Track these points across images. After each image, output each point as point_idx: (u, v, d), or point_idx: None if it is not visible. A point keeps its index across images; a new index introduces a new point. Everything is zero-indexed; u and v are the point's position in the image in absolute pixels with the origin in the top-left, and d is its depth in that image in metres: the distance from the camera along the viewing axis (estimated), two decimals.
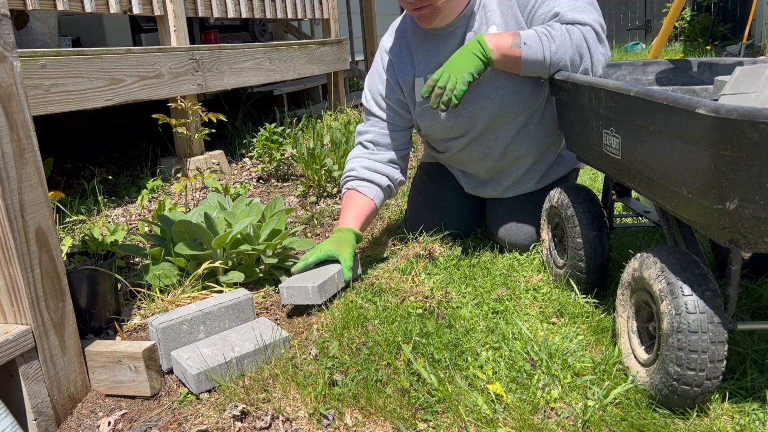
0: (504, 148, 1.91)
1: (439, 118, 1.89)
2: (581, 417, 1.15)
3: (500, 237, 1.99)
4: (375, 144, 1.98)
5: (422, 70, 1.88)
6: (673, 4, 3.15)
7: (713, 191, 1.01)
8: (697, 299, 1.09)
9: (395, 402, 1.22)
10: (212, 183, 2.66)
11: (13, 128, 1.17)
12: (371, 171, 1.94)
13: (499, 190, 2.02)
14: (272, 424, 1.21)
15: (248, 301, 1.56)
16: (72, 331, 1.32)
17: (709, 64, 1.98)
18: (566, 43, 1.62)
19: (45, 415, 1.25)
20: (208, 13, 3.59)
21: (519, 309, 1.57)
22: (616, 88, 1.27)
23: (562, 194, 1.67)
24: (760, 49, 7.08)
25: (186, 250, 1.74)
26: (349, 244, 1.77)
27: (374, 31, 6.23)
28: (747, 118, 0.92)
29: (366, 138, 1.99)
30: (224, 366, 1.35)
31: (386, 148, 1.97)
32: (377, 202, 1.93)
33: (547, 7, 1.71)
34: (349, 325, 1.50)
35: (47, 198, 1.26)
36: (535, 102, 1.83)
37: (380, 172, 1.95)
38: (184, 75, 3.19)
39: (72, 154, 4.00)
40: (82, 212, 2.68)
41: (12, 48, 1.18)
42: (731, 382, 1.24)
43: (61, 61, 2.49)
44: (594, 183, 2.69)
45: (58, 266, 1.28)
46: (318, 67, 4.63)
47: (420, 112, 1.93)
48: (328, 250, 1.74)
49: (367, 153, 1.98)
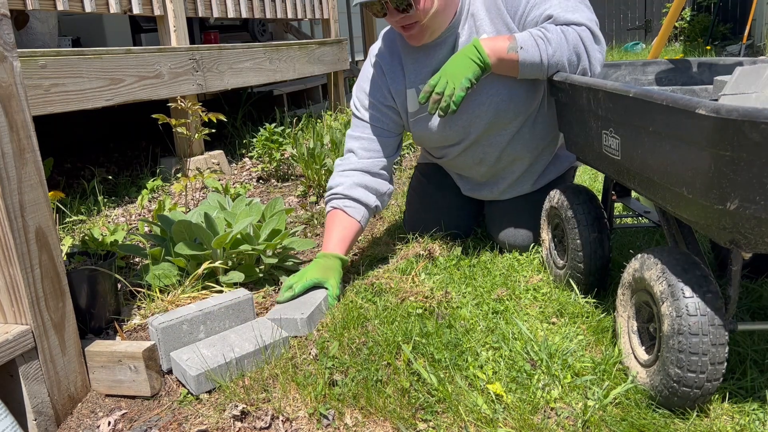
0: (499, 153, 1.90)
1: (434, 127, 1.87)
2: (581, 417, 1.15)
3: (499, 239, 1.99)
4: (366, 150, 1.91)
5: (413, 81, 1.85)
6: (673, 4, 3.15)
7: (714, 192, 1.01)
8: (698, 301, 1.09)
9: (395, 402, 1.22)
10: (212, 183, 2.66)
11: (13, 128, 1.17)
12: (360, 187, 1.86)
13: (496, 192, 2.02)
14: (272, 424, 1.21)
15: (248, 301, 1.56)
16: (72, 331, 1.32)
17: (709, 64, 1.97)
18: (562, 44, 1.61)
19: (45, 415, 1.25)
20: (208, 13, 3.59)
21: (519, 309, 1.57)
22: (615, 89, 1.27)
23: (562, 195, 1.67)
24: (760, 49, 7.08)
25: (186, 250, 1.74)
26: (335, 271, 1.72)
27: (374, 31, 6.24)
28: (747, 119, 0.92)
29: (357, 145, 1.92)
30: (224, 366, 1.35)
31: (377, 154, 1.91)
32: (363, 223, 1.86)
33: (538, 10, 1.69)
34: (349, 325, 1.50)
35: (47, 198, 1.26)
36: (529, 107, 1.83)
37: (370, 188, 1.88)
38: (184, 75, 3.19)
39: (72, 154, 4.01)
40: (82, 212, 2.68)
41: (12, 48, 1.18)
42: (731, 382, 1.24)
43: (61, 61, 2.49)
44: (594, 183, 2.69)
45: (58, 266, 1.28)
46: (318, 67, 4.63)
47: (413, 122, 1.90)
48: (314, 278, 1.68)
49: (358, 162, 1.90)
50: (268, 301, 1.76)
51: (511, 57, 1.64)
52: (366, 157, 1.90)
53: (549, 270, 1.79)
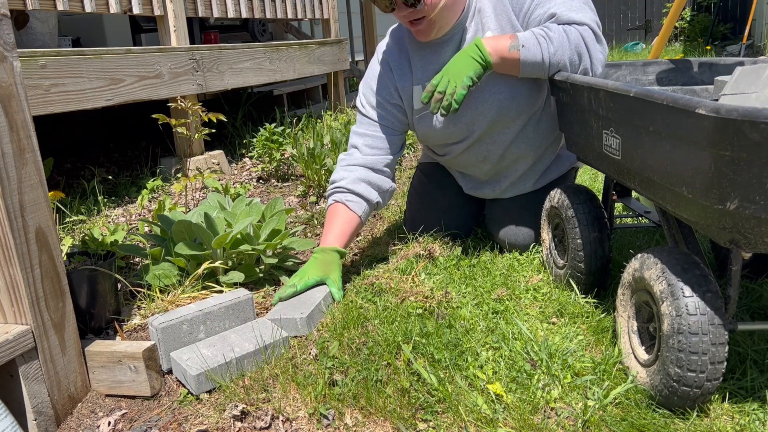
0: (503, 151, 1.91)
1: (438, 124, 1.88)
2: (581, 417, 1.15)
3: (500, 238, 1.99)
4: (370, 147, 1.91)
5: (420, 78, 1.86)
6: (674, 4, 3.15)
7: (714, 191, 1.01)
8: (698, 301, 1.09)
9: (395, 402, 1.22)
10: (212, 183, 2.66)
11: (13, 128, 1.17)
12: (363, 182, 1.87)
13: (498, 191, 2.02)
14: (272, 424, 1.21)
15: (248, 301, 1.56)
16: (72, 331, 1.32)
17: (709, 64, 1.97)
18: (564, 43, 1.62)
19: (45, 415, 1.25)
20: (208, 13, 3.59)
21: (519, 309, 1.57)
22: (615, 88, 1.27)
23: (563, 195, 1.67)
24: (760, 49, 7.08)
25: (186, 250, 1.74)
26: (335, 265, 1.72)
27: (374, 31, 6.24)
28: (747, 118, 0.92)
29: (361, 141, 1.92)
30: (224, 366, 1.35)
31: (381, 151, 1.91)
32: (364, 218, 1.87)
33: (542, 9, 1.70)
34: (349, 325, 1.50)
35: (47, 198, 1.26)
36: (533, 105, 1.83)
37: (372, 183, 1.88)
38: (184, 75, 3.19)
39: (72, 154, 4.00)
40: (82, 212, 2.68)
41: (12, 48, 1.18)
42: (731, 382, 1.24)
43: (61, 61, 2.49)
44: (594, 183, 2.69)
45: (58, 266, 1.28)
46: (318, 67, 4.63)
47: (418, 119, 1.91)
48: (315, 276, 1.69)
49: (362, 158, 1.90)
50: (268, 301, 1.76)
51: (512, 55, 1.65)
52: (370, 154, 1.91)
53: (549, 270, 1.79)
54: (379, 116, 1.93)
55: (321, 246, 1.80)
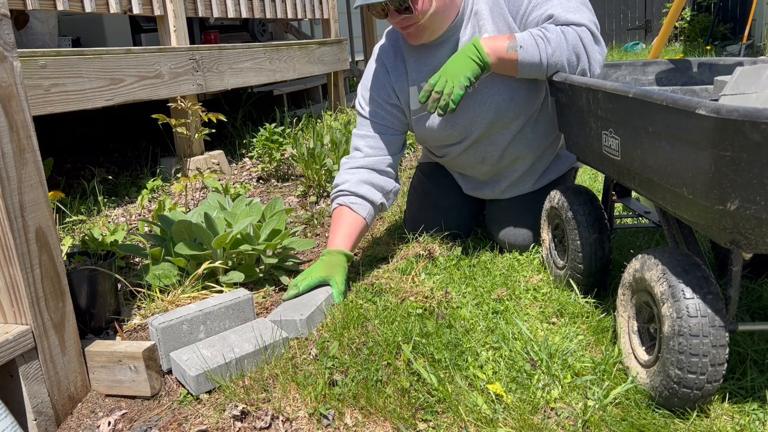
0: (501, 152, 1.91)
1: (436, 125, 1.88)
2: (581, 417, 1.15)
3: (500, 238, 1.99)
4: (372, 148, 1.92)
5: (415, 79, 1.86)
6: (674, 4, 3.15)
7: (714, 192, 1.01)
8: (699, 302, 1.09)
9: (395, 402, 1.22)
10: (212, 183, 2.66)
11: (13, 128, 1.17)
12: (366, 184, 1.87)
13: (497, 192, 2.02)
14: (272, 424, 1.21)
15: (248, 301, 1.56)
16: (72, 331, 1.32)
17: (709, 64, 1.97)
18: (562, 44, 1.61)
19: (45, 415, 1.25)
20: (208, 13, 3.59)
21: (519, 309, 1.57)
22: (614, 89, 1.27)
23: (563, 195, 1.67)
24: (760, 49, 7.08)
25: (186, 250, 1.74)
26: (340, 268, 1.72)
27: (374, 31, 6.24)
28: (748, 119, 0.92)
29: (362, 143, 1.93)
30: (224, 367, 1.35)
31: (383, 152, 1.92)
32: (369, 220, 1.87)
33: (540, 10, 1.70)
34: (349, 325, 1.50)
35: (47, 198, 1.26)
36: (531, 107, 1.83)
37: (376, 185, 1.89)
38: (184, 75, 3.19)
39: (72, 154, 4.00)
40: (82, 212, 2.68)
41: (12, 48, 1.17)
42: (731, 382, 1.24)
43: (61, 61, 2.49)
44: (594, 183, 2.69)
45: (58, 266, 1.28)
46: (318, 67, 4.63)
47: (416, 120, 1.91)
48: (319, 277, 1.69)
49: (364, 160, 1.91)
50: (268, 301, 1.76)
51: (510, 56, 1.65)
52: (372, 155, 1.91)
53: (549, 270, 1.79)
54: (378, 117, 1.94)
55: (328, 248, 1.80)
